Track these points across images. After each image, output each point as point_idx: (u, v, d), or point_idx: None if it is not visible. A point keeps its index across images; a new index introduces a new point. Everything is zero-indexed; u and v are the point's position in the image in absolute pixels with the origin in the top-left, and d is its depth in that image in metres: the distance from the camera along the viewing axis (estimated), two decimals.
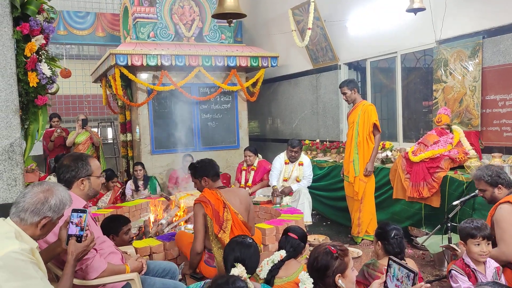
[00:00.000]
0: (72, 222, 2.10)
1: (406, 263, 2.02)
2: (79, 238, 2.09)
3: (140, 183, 6.35)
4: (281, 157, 5.86)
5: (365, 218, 4.93)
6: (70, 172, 2.49)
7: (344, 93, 5.02)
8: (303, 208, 5.22)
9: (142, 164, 6.49)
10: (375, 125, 4.87)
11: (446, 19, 5.10)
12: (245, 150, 6.31)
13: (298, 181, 5.70)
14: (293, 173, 5.73)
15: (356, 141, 4.95)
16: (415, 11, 4.81)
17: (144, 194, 6.21)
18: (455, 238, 3.66)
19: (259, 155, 6.40)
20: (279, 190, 5.46)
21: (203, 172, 3.47)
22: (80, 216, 2.10)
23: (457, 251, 2.98)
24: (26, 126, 2.95)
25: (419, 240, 4.23)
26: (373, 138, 4.92)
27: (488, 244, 2.66)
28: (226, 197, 3.34)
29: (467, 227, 2.72)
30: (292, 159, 5.74)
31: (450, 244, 3.23)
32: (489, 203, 3.20)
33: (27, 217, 1.91)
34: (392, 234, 2.75)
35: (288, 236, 2.91)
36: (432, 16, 5.20)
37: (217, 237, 3.21)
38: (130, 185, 6.36)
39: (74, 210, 2.11)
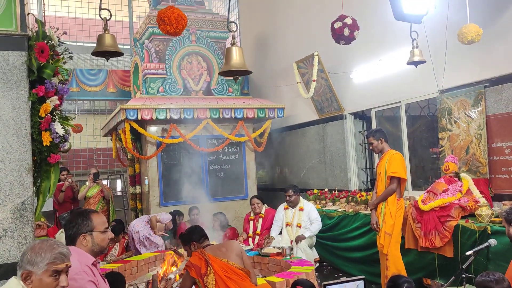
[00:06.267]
0: None
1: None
2: None
3: None
4: (282, 206, 6.10)
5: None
6: (72, 228, 2.48)
7: (370, 143, 4.73)
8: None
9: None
10: (392, 178, 4.53)
11: (447, 70, 5.22)
12: (251, 198, 6.40)
13: (298, 226, 5.80)
14: (294, 219, 5.88)
15: None
16: (415, 63, 4.87)
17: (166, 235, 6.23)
18: None
19: (265, 204, 6.43)
20: (294, 238, 5.59)
21: (190, 238, 3.78)
22: None
23: None
24: (38, 184, 2.99)
25: None
26: (399, 190, 4.60)
27: None
28: (210, 252, 3.53)
29: (483, 281, 2.60)
30: (289, 203, 5.97)
31: None
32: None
33: (18, 271, 1.96)
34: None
35: None
36: (433, 66, 5.33)
37: None
38: None
39: None
